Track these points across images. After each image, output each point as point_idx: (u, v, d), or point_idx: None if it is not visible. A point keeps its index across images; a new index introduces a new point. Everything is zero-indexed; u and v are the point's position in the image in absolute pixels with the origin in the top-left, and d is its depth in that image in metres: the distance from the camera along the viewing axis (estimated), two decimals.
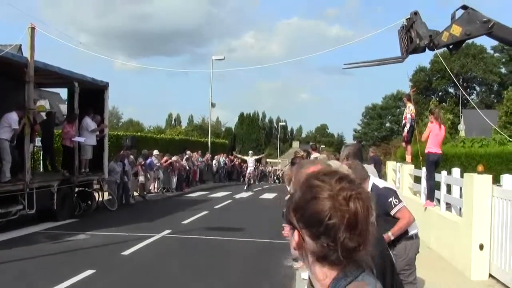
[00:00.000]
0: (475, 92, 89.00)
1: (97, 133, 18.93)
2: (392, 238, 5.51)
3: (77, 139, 17.67)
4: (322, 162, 3.02)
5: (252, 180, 34.60)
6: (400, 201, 5.60)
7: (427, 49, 12.24)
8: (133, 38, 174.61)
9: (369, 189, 5.55)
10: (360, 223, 1.48)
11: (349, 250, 1.48)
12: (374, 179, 5.77)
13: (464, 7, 11.75)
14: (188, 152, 34.89)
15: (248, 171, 34.40)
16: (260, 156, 47.14)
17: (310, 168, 2.85)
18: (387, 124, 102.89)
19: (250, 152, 37.27)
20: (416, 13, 12.09)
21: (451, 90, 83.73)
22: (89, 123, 18.43)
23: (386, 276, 3.29)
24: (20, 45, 25.11)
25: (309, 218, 1.51)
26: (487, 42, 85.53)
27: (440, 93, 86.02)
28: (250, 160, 34.08)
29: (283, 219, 1.69)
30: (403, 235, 5.66)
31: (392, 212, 5.51)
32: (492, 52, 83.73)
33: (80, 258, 11.21)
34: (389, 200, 5.52)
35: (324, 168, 1.60)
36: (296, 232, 1.56)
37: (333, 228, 1.47)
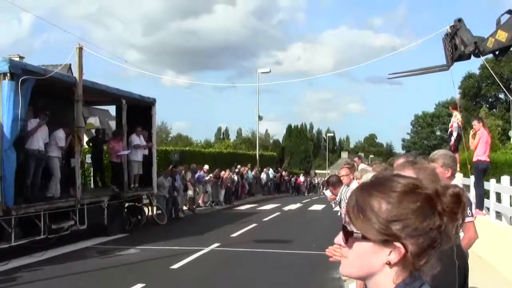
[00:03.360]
0: None
1: (144, 149, 19.15)
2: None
3: (122, 153, 17.93)
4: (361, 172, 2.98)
5: None
6: (472, 215, 5.37)
7: (472, 56, 12.03)
8: (181, 54, 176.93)
9: None
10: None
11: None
12: (458, 182, 5.57)
13: (510, 12, 11.49)
14: (238, 166, 35.08)
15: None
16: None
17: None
18: (438, 133, 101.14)
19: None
20: (460, 20, 11.91)
21: (501, 96, 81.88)
22: (134, 138, 18.68)
23: None
24: (70, 65, 25.65)
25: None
26: None
27: (490, 99, 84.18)
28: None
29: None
30: None
31: None
32: None
33: (130, 272, 11.35)
34: None
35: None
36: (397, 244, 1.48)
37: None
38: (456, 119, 15.59)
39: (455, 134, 15.49)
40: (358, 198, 1.50)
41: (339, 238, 1.54)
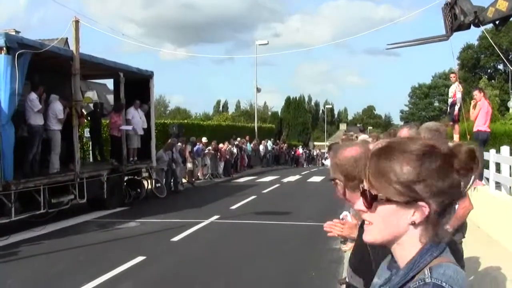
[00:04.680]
0: None
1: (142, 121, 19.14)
2: (452, 230, 5.26)
3: (124, 127, 17.91)
4: (362, 142, 2.94)
5: None
6: None
7: (472, 26, 11.93)
8: (179, 27, 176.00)
9: None
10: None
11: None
12: None
13: None
14: (238, 139, 35.08)
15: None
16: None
17: (347, 149, 2.79)
18: (436, 104, 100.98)
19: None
20: None
21: (500, 67, 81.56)
22: (132, 112, 18.66)
23: None
24: (66, 39, 25.48)
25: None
26: None
27: (489, 71, 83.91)
28: None
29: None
30: None
31: None
32: None
33: (130, 245, 11.41)
34: None
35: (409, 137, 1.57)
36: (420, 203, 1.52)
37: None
38: (459, 88, 15.53)
39: (458, 104, 15.45)
40: (378, 163, 1.54)
41: (360, 203, 1.59)
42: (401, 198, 1.49)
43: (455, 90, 15.76)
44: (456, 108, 15.65)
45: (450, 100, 16.18)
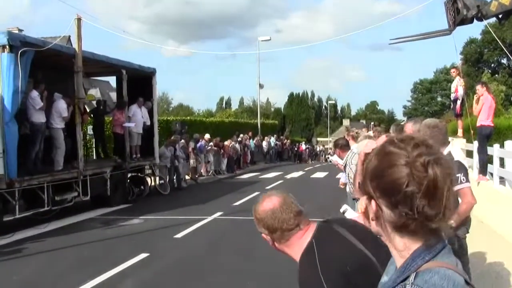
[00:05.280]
0: None
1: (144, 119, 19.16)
2: (455, 226, 5.25)
3: (127, 125, 17.94)
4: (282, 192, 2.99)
5: None
6: (467, 180, 5.30)
7: (475, 20, 11.88)
8: (181, 24, 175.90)
9: None
10: (440, 189, 1.42)
11: (428, 219, 1.43)
12: (453, 148, 5.53)
13: None
14: (241, 135, 35.09)
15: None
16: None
17: (264, 203, 2.85)
18: (439, 99, 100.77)
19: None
20: None
21: (504, 61, 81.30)
22: (134, 109, 18.71)
23: None
24: (69, 36, 25.44)
25: (386, 186, 1.46)
26: None
27: (492, 65, 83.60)
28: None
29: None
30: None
31: (456, 188, 5.26)
32: None
33: (134, 242, 11.42)
34: (457, 175, 5.28)
35: (400, 135, 1.56)
36: (373, 202, 1.51)
37: (411, 195, 1.42)
38: (461, 83, 15.52)
39: (461, 99, 15.45)
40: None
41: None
42: (363, 193, 1.55)
43: (457, 85, 15.76)
44: (458, 102, 15.66)
45: (452, 95, 16.19)
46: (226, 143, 30.84)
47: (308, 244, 2.65)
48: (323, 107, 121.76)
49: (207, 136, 28.59)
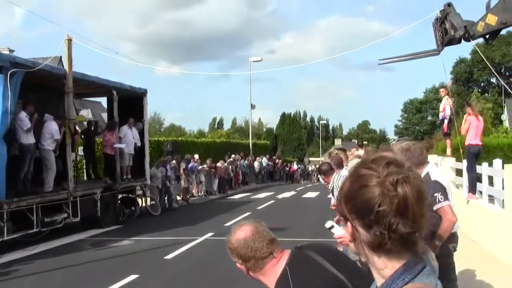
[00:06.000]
0: None
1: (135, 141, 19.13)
2: (439, 244, 5.31)
3: (118, 145, 17.90)
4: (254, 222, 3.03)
5: None
6: (446, 199, 5.38)
7: (462, 40, 11.99)
8: (174, 44, 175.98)
9: (422, 176, 5.43)
10: (411, 207, 1.43)
11: (403, 237, 1.44)
12: (431, 169, 5.61)
13: None
14: (233, 155, 35.08)
15: None
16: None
17: (237, 232, 2.93)
18: (429, 118, 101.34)
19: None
20: (449, 4, 11.83)
21: (493, 80, 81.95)
22: (125, 130, 18.67)
23: None
24: (60, 57, 25.50)
25: (360, 207, 1.47)
26: None
27: (482, 84, 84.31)
28: None
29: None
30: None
31: (435, 208, 5.34)
32: None
33: (124, 263, 11.35)
34: (434, 195, 5.34)
35: (373, 155, 1.56)
36: (349, 224, 1.52)
37: (384, 215, 1.43)
38: (449, 102, 15.66)
39: (448, 118, 15.58)
40: None
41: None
42: (341, 215, 1.55)
43: (445, 105, 15.92)
44: (446, 122, 15.81)
45: (440, 115, 16.35)
46: (218, 164, 30.82)
47: (282, 272, 2.66)
48: (315, 127, 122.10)
49: (196, 156, 28.58)
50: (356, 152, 14.13)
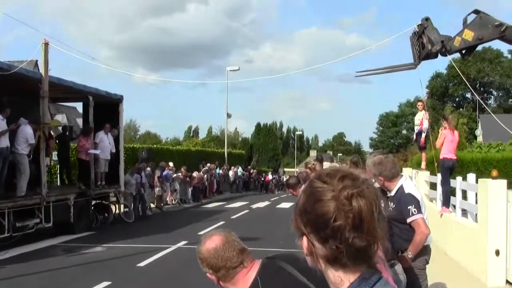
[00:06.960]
0: (492, 97, 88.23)
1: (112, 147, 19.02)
2: (412, 256, 5.37)
3: (92, 151, 17.79)
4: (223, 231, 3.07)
5: None
6: (419, 212, 5.42)
7: (439, 55, 12.13)
8: (153, 51, 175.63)
9: (395, 189, 5.51)
10: (366, 221, 1.43)
11: (359, 250, 1.43)
12: (405, 182, 5.63)
13: (476, 12, 11.61)
14: (208, 164, 35.01)
15: None
16: None
17: (207, 242, 2.92)
18: (404, 132, 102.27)
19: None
20: (427, 19, 11.98)
21: (468, 95, 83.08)
22: (101, 136, 18.57)
23: None
24: (36, 61, 25.29)
25: (315, 222, 1.47)
26: (504, 47, 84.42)
27: (457, 99, 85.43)
28: None
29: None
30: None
31: (408, 220, 5.39)
32: (509, 56, 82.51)
33: (96, 270, 11.25)
34: (408, 208, 5.38)
35: (328, 169, 1.57)
36: (304, 238, 1.52)
37: (339, 229, 1.42)
38: (426, 116, 15.85)
39: (425, 132, 15.75)
40: None
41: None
42: (296, 230, 1.55)
43: (422, 118, 16.06)
44: (423, 135, 15.95)
45: (416, 128, 16.49)
46: (194, 174, 30.77)
47: (253, 281, 2.67)
48: (291, 138, 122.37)
49: (170, 164, 28.50)
50: (335, 165, 14.21)
